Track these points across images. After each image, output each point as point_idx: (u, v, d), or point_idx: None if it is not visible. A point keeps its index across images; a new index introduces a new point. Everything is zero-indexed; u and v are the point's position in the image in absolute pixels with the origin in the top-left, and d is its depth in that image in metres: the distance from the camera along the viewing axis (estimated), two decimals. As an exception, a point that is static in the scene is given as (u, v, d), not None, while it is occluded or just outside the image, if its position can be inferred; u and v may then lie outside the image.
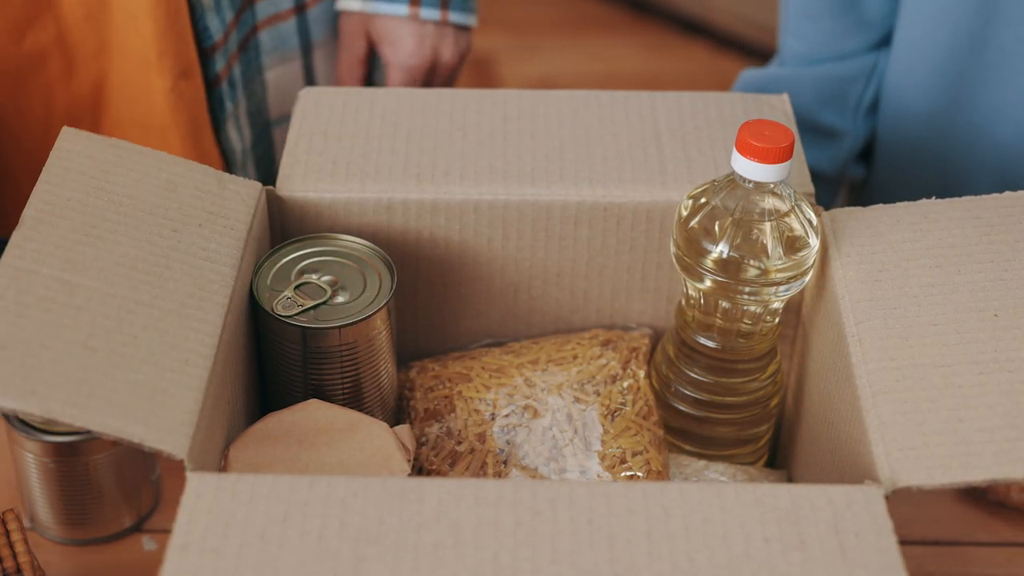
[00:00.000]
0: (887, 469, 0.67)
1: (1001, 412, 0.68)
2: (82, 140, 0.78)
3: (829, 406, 0.78)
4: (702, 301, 0.81)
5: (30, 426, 0.78)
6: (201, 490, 0.63)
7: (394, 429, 0.76)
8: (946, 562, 0.83)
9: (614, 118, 0.89)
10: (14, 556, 0.74)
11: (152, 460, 0.84)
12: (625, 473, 0.80)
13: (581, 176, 0.85)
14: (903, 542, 0.62)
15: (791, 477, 0.88)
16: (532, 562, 0.60)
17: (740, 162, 0.76)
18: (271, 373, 0.81)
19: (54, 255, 0.71)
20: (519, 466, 0.80)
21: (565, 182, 0.84)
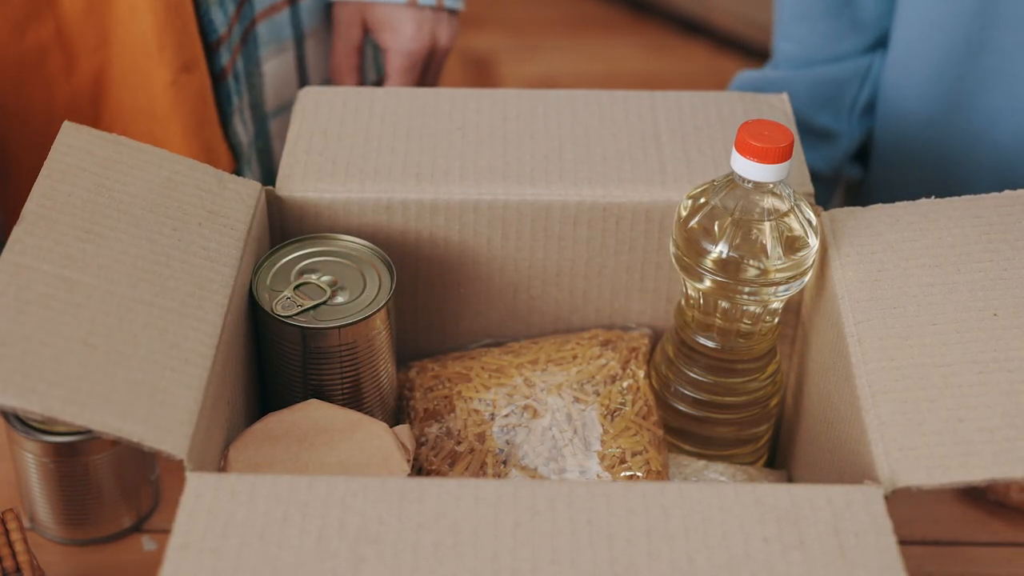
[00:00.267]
0: (887, 469, 0.67)
1: (1001, 412, 0.68)
2: (83, 136, 0.78)
3: (829, 406, 0.78)
4: (701, 301, 0.81)
5: (30, 426, 0.78)
6: (201, 490, 0.63)
7: (394, 429, 0.76)
8: (946, 562, 0.83)
9: (614, 118, 0.89)
10: (14, 556, 0.74)
11: (152, 460, 0.84)
12: (625, 473, 0.80)
13: (581, 176, 0.85)
14: (903, 542, 0.62)
15: (791, 477, 0.88)
16: (532, 562, 0.60)
17: (739, 162, 0.76)
18: (271, 373, 0.81)
19: (54, 251, 0.71)
20: (519, 466, 0.80)
21: (565, 182, 0.84)
